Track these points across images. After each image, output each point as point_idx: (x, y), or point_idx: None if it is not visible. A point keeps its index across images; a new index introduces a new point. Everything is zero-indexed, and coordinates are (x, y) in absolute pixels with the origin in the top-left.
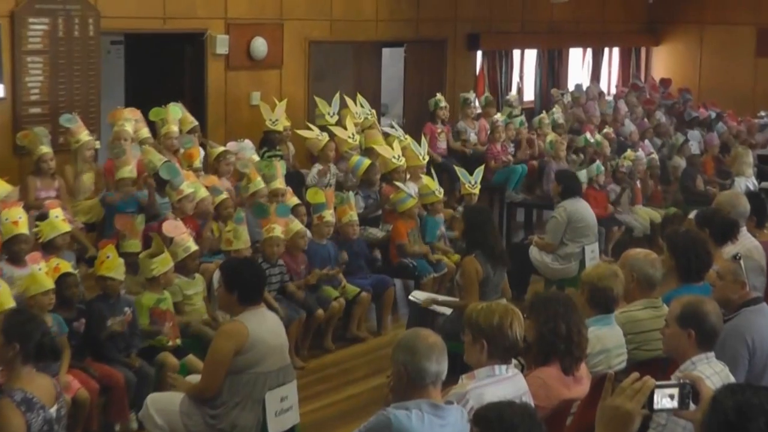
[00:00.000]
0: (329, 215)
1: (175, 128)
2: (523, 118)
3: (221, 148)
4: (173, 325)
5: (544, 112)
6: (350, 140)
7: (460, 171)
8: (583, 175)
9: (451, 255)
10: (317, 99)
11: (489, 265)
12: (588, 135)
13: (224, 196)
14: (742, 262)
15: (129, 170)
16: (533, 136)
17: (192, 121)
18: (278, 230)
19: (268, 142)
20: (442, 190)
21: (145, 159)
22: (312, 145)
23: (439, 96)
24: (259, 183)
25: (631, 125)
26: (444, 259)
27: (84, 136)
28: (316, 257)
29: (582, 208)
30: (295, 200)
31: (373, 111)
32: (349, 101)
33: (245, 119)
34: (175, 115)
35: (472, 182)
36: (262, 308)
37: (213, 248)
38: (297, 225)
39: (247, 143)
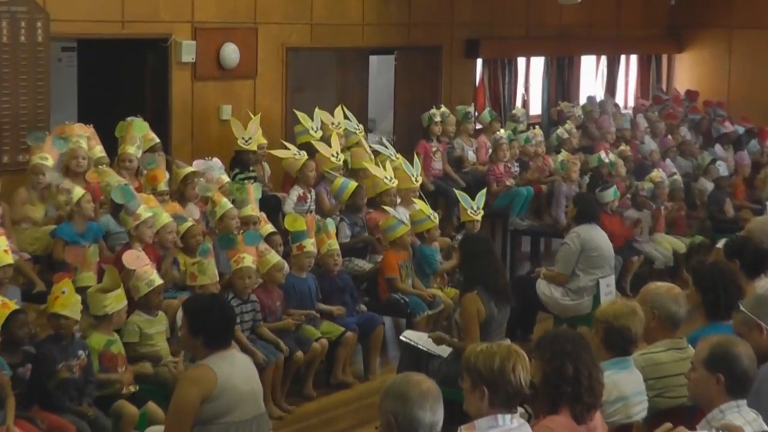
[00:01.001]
0: (310, 245)
1: (131, 149)
2: (528, 134)
3: (189, 169)
4: (127, 370)
5: (559, 127)
6: (333, 159)
7: (460, 195)
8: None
9: (447, 290)
10: (297, 113)
11: (492, 303)
12: (602, 154)
13: (189, 223)
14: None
15: (83, 194)
16: (541, 152)
17: (152, 138)
18: (249, 260)
19: (240, 162)
20: (437, 216)
21: (102, 181)
22: (289, 165)
23: (434, 110)
24: (225, 204)
25: (652, 143)
26: (439, 294)
27: (97, 151)
28: (294, 293)
29: (598, 237)
30: (269, 228)
31: (361, 126)
32: (323, 114)
33: (214, 136)
34: (139, 131)
35: (474, 207)
36: (233, 350)
37: (178, 282)
38: (274, 257)
39: (216, 162)
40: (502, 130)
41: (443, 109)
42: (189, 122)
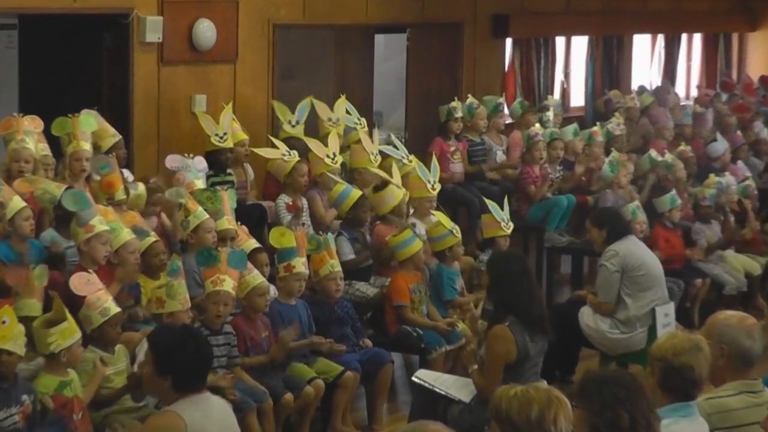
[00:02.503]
0: (301, 265)
1: (87, 146)
2: (556, 129)
3: (141, 190)
4: (84, 418)
5: (597, 124)
6: (328, 160)
7: (491, 205)
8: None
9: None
10: (275, 103)
11: (527, 336)
12: (653, 153)
13: (152, 238)
14: None
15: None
16: (597, 154)
17: (113, 135)
18: (229, 284)
19: (214, 164)
20: (458, 230)
21: (36, 190)
22: (276, 168)
23: (455, 102)
24: (201, 214)
25: (723, 141)
26: (462, 325)
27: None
28: (281, 323)
29: (639, 250)
30: (252, 243)
31: (363, 121)
32: (321, 107)
33: (186, 133)
34: (88, 127)
35: (505, 220)
36: (207, 393)
37: (137, 317)
38: (256, 278)
39: (198, 162)
40: (537, 125)
41: (470, 100)
42: (154, 116)
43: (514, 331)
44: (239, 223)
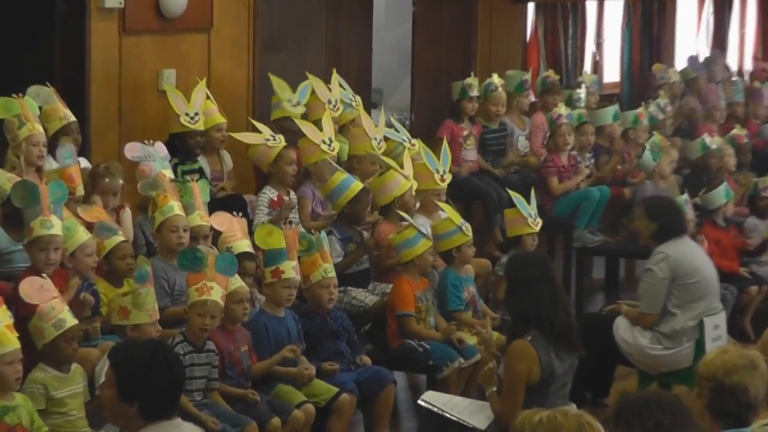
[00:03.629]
0: (291, 269)
1: (39, 128)
2: (582, 112)
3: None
4: None
5: (643, 105)
6: (324, 146)
7: (516, 198)
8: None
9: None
10: (272, 77)
11: (552, 353)
12: (707, 138)
13: (120, 238)
14: None
15: None
16: (642, 139)
17: (64, 117)
18: (217, 293)
19: (180, 149)
20: (469, 227)
21: None
22: (258, 155)
23: (470, 78)
24: (169, 209)
25: None
26: (474, 339)
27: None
28: (267, 338)
29: (693, 254)
30: (245, 245)
31: (358, 99)
32: (317, 83)
33: (153, 114)
34: (33, 109)
35: (533, 215)
36: (177, 420)
37: (93, 335)
38: (234, 281)
39: (159, 149)
40: (561, 106)
41: (495, 79)
42: (115, 94)
43: (537, 346)
44: (239, 214)
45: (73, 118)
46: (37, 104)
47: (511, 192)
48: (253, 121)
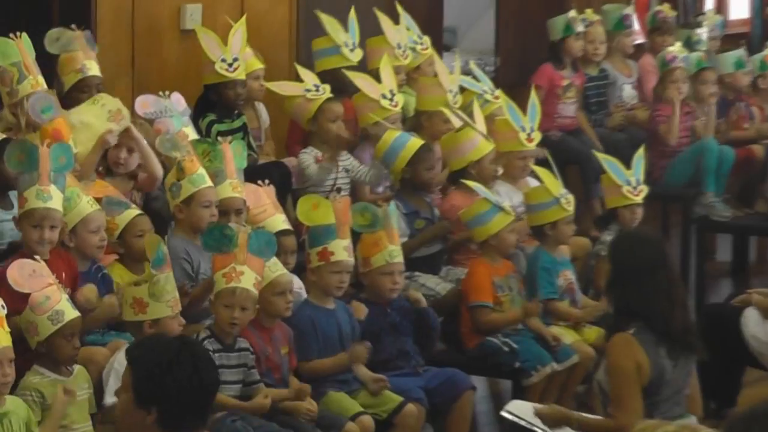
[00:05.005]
0: (343, 250)
1: (43, 82)
2: (701, 56)
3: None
4: None
5: None
6: (385, 102)
7: (606, 161)
8: None
9: (584, 330)
10: (321, 15)
11: (662, 351)
12: None
13: (134, 212)
14: None
15: None
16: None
17: (82, 69)
18: (250, 278)
19: (215, 105)
20: (571, 200)
21: None
22: (297, 109)
23: (574, 12)
24: (200, 179)
25: None
26: (571, 336)
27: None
28: (314, 335)
29: None
30: (281, 221)
31: (426, 39)
32: (382, 18)
33: (173, 59)
34: (31, 54)
35: (633, 182)
36: None
37: (110, 317)
38: (273, 268)
39: (176, 102)
40: (677, 45)
41: (589, 14)
42: (127, 37)
43: (642, 341)
44: (267, 182)
45: (93, 71)
46: (54, 51)
47: (599, 155)
48: (299, 67)
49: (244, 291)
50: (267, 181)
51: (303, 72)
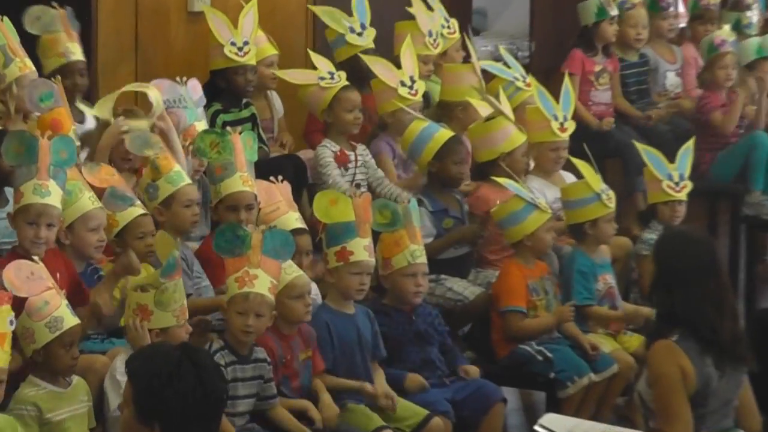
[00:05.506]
0: (363, 250)
1: (31, 64)
2: (758, 43)
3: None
4: None
5: None
6: (403, 90)
7: (646, 152)
8: None
9: (624, 338)
10: (316, 9)
11: (708, 360)
12: None
13: (138, 210)
14: None
15: None
16: None
17: (65, 53)
18: (264, 283)
19: (224, 92)
20: (612, 196)
21: None
22: (312, 99)
23: None
24: (177, 177)
25: None
26: (610, 344)
27: None
28: (330, 342)
29: None
30: (295, 219)
31: (454, 22)
32: (415, 2)
33: (179, 45)
34: (13, 35)
35: (675, 176)
36: None
37: (109, 322)
38: (289, 270)
39: (193, 89)
40: (725, 28)
41: None
42: (130, 18)
43: (686, 348)
44: (281, 179)
45: (76, 56)
46: (35, 32)
47: (639, 146)
48: (312, 54)
49: (258, 296)
50: (281, 178)
51: (317, 59)
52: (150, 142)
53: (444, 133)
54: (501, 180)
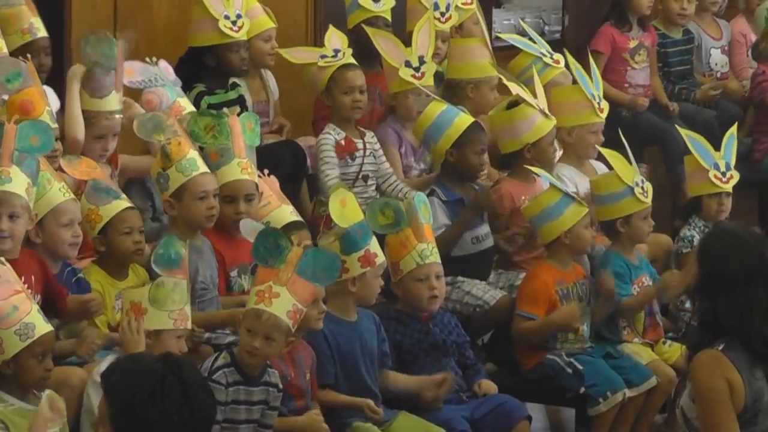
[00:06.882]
0: (379, 248)
1: (2, 45)
2: None
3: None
4: None
5: None
6: (406, 71)
7: (690, 138)
8: None
9: (664, 348)
10: None
11: (758, 372)
12: None
13: (124, 204)
14: None
15: None
16: None
17: (30, 29)
18: (283, 305)
19: (213, 70)
20: (650, 188)
21: None
22: (312, 79)
23: None
24: (190, 165)
25: None
26: (648, 355)
27: None
28: (328, 354)
29: None
30: (288, 213)
31: None
32: None
33: (163, 20)
34: None
35: (722, 165)
36: None
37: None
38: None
39: (165, 70)
40: None
41: None
42: None
43: (733, 359)
44: (266, 173)
45: (42, 33)
46: None
47: (683, 131)
48: (331, 28)
49: (271, 317)
50: (267, 172)
51: (330, 33)
52: (162, 124)
53: (465, 119)
54: (535, 170)
